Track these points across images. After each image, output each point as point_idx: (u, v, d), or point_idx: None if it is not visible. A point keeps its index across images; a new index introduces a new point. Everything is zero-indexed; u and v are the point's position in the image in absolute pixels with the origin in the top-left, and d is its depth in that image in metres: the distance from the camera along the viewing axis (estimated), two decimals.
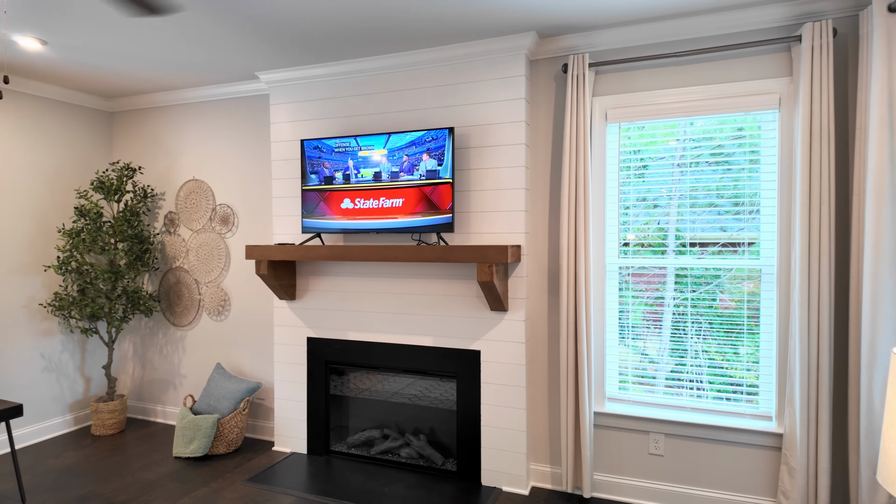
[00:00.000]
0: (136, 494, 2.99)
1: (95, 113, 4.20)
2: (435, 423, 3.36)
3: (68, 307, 3.71)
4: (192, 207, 4.05)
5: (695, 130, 2.83)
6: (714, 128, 2.79)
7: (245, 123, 3.87)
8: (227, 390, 3.65)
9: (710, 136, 2.80)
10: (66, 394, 3.97)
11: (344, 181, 3.23)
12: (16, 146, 3.67)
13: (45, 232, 3.85)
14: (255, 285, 3.88)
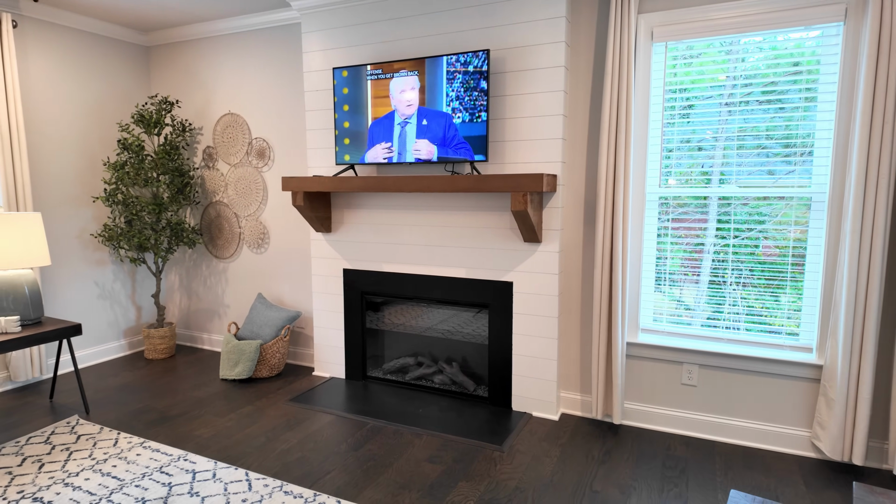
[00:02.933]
0: (187, 409, 3.20)
1: (133, 47, 4.22)
2: (467, 352, 3.43)
3: (117, 238, 3.89)
4: (229, 142, 4.10)
5: (746, 67, 2.64)
6: (768, 62, 2.60)
7: (278, 54, 3.83)
8: (269, 318, 3.80)
9: (764, 73, 2.61)
10: (120, 320, 4.22)
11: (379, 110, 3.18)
12: (60, 79, 3.75)
13: (92, 165, 3.98)
14: (292, 218, 3.95)
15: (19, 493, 2.32)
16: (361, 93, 3.22)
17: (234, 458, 2.62)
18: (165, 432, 2.89)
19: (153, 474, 2.47)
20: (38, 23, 3.61)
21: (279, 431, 2.90)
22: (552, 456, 2.64)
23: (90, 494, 2.31)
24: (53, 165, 3.74)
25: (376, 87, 3.17)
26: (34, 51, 3.60)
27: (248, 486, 2.36)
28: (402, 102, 3.11)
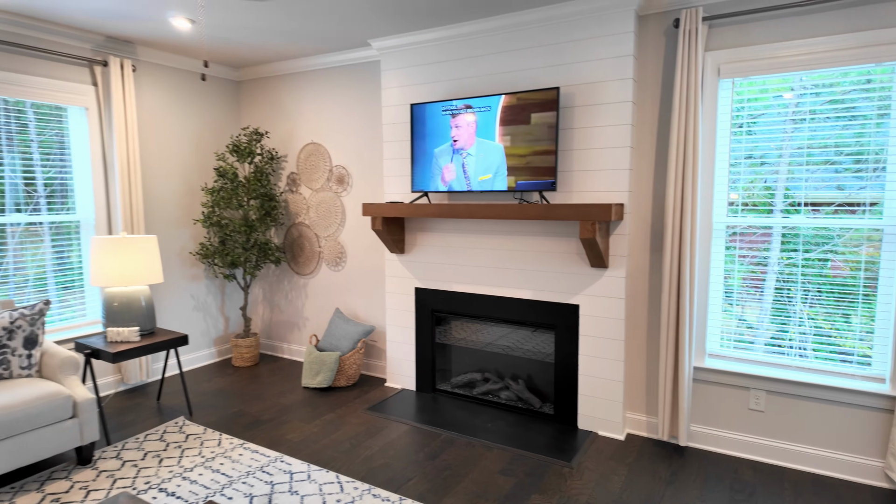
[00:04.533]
0: (276, 415, 3.52)
1: (226, 82, 4.68)
2: (532, 370, 3.59)
3: (212, 256, 4.31)
4: (312, 168, 4.47)
5: (813, 81, 2.71)
6: (836, 79, 2.65)
7: (357, 89, 4.16)
8: (346, 332, 4.10)
9: (831, 87, 2.67)
10: (211, 330, 4.65)
11: (447, 142, 3.43)
12: (166, 115, 4.23)
13: (191, 190, 4.44)
14: (367, 239, 4.25)
15: (146, 484, 2.68)
16: (436, 126, 3.47)
17: (324, 461, 2.89)
18: (261, 435, 3.21)
19: (256, 473, 2.77)
20: (151, 65, 4.10)
21: (361, 438, 3.16)
22: (620, 474, 2.76)
23: (205, 488, 2.63)
24: (160, 191, 4.21)
25: (450, 121, 3.41)
26: (147, 90, 4.08)
27: (340, 488, 2.62)
28: (469, 135, 3.34)
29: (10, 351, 2.83)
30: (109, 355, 3.10)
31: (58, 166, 3.65)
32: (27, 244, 3.53)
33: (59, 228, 3.68)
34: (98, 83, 3.76)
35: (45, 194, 3.60)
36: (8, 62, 3.32)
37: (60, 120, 3.65)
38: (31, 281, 3.55)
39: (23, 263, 3.51)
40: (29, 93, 3.42)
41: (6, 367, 2.81)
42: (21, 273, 3.50)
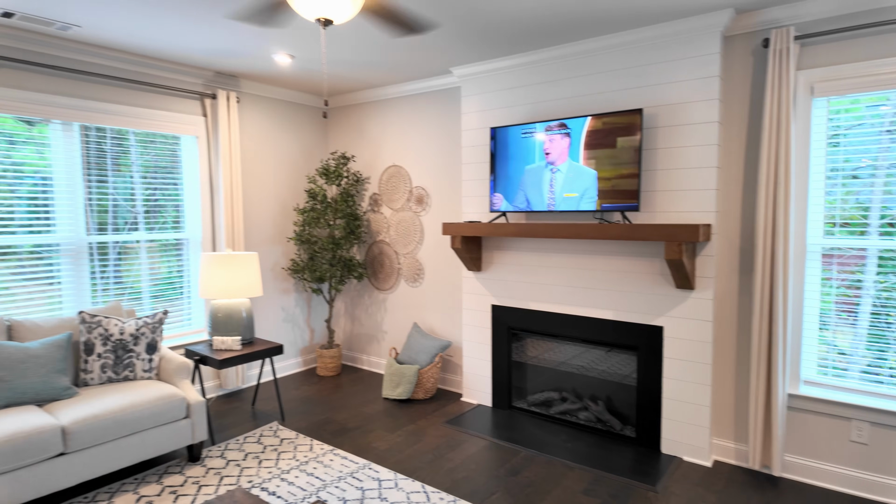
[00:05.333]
0: (361, 423, 3.70)
1: (315, 110, 5.03)
2: (611, 391, 3.56)
3: (301, 271, 4.61)
4: (392, 189, 4.70)
5: None
6: None
7: (437, 114, 4.36)
8: (424, 346, 4.25)
9: None
10: (298, 340, 4.95)
11: (531, 163, 3.52)
12: (264, 141, 4.60)
13: (284, 210, 4.78)
14: (444, 257, 4.40)
15: (249, 483, 2.91)
16: (516, 148, 3.58)
17: (409, 470, 3.02)
18: (348, 442, 3.39)
19: (347, 478, 2.94)
20: (252, 97, 4.49)
21: (443, 451, 3.26)
22: (708, 501, 2.69)
23: (302, 490, 2.83)
24: (257, 211, 4.57)
25: (529, 144, 3.51)
26: (248, 119, 4.48)
27: (427, 498, 2.73)
28: (553, 157, 3.41)
29: (136, 355, 3.17)
30: (216, 362, 3.40)
31: (171, 189, 4.07)
32: (144, 259, 3.94)
33: (170, 245, 4.09)
34: (207, 114, 4.17)
35: (160, 214, 4.02)
36: (133, 98, 3.77)
37: (175, 148, 4.08)
38: (147, 291, 3.96)
39: (134, 275, 3.93)
40: (151, 124, 3.85)
41: (132, 369, 3.16)
42: (139, 284, 3.92)
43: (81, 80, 3.50)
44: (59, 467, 2.60)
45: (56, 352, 2.91)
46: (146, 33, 3.25)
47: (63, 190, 3.48)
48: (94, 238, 3.65)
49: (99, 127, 3.64)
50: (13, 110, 3.21)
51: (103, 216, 3.69)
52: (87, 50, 3.45)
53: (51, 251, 3.45)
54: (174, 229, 4.08)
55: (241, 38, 3.35)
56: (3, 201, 3.25)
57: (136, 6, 2.83)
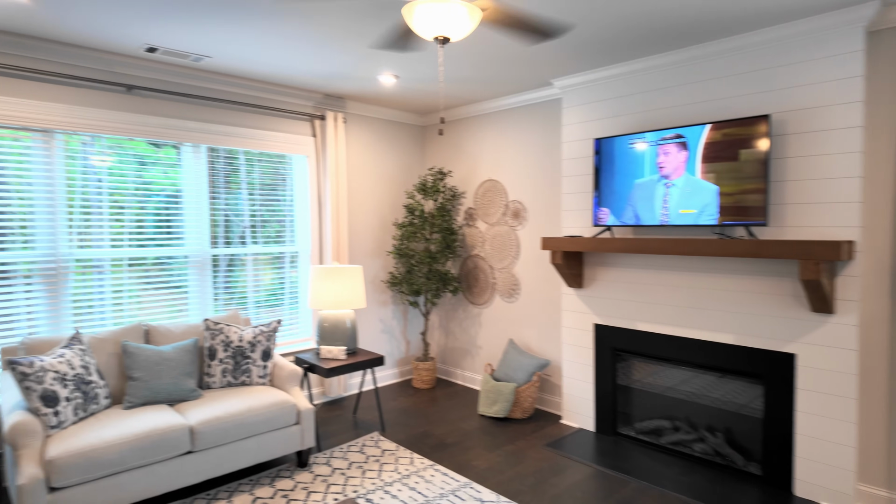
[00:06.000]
0: (459, 440, 3.67)
1: (412, 127, 5.15)
2: (732, 422, 3.26)
3: (399, 283, 4.70)
4: (488, 204, 4.68)
5: None
6: None
7: (535, 127, 4.29)
8: (520, 364, 4.15)
9: None
10: (395, 352, 5.04)
11: (640, 176, 3.35)
12: (366, 159, 4.78)
13: (384, 225, 4.92)
14: (542, 272, 4.29)
15: (354, 492, 2.96)
16: (622, 160, 3.42)
17: (511, 493, 2.93)
18: (448, 458, 3.37)
19: (448, 496, 2.91)
20: (356, 116, 4.68)
21: (545, 475, 3.15)
22: None
23: None
24: (360, 226, 4.74)
25: (638, 155, 3.34)
26: (353, 138, 4.67)
27: None
28: (667, 170, 3.22)
29: (252, 362, 3.37)
30: (324, 370, 3.53)
31: (278, 205, 4.32)
32: (253, 270, 4.20)
33: (281, 258, 4.33)
34: (317, 134, 4.40)
35: (267, 228, 4.27)
36: (252, 121, 4.06)
37: (285, 166, 4.34)
38: (262, 301, 4.21)
39: (242, 285, 4.19)
40: (267, 145, 4.12)
41: (248, 375, 3.36)
42: (251, 294, 4.18)
43: (209, 105, 3.83)
44: (186, 464, 2.80)
45: (185, 356, 3.16)
46: (267, 61, 3.48)
47: (192, 206, 3.81)
48: (217, 251, 3.95)
49: (215, 147, 3.95)
50: (149, 134, 3.56)
51: (220, 230, 3.99)
52: (214, 78, 3.77)
53: (178, 262, 3.77)
54: (277, 242, 4.32)
55: (352, 61, 3.50)
56: (136, 216, 3.60)
57: (262, 37, 3.05)
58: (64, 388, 2.66)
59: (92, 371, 2.86)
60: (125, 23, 2.85)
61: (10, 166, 3.10)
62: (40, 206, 3.20)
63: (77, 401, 2.71)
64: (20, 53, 3.05)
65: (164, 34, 3.01)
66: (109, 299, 3.50)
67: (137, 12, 2.71)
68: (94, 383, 2.84)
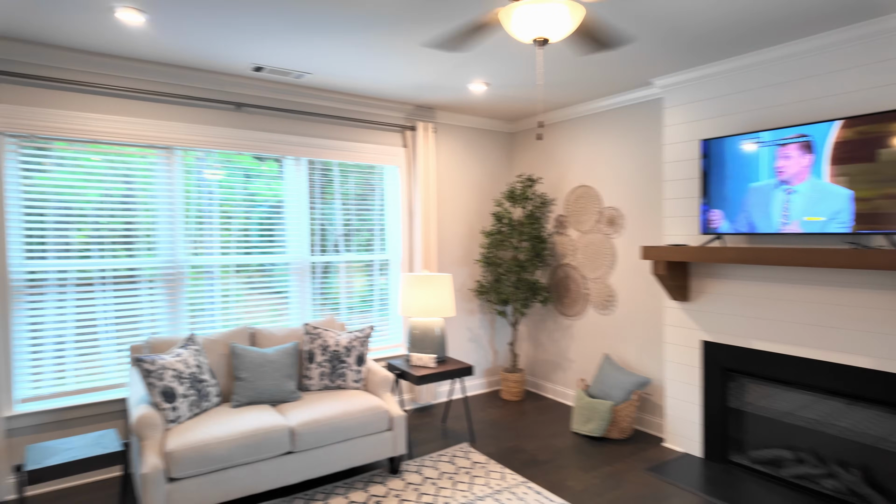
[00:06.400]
0: (551, 457, 3.52)
1: (500, 135, 5.09)
2: (869, 457, 2.85)
3: (487, 292, 4.64)
4: (580, 211, 4.50)
5: None
6: None
7: (633, 129, 4.07)
8: (618, 380, 3.93)
9: None
10: (482, 361, 4.98)
11: (755, 180, 3.05)
12: (455, 168, 4.78)
13: (471, 233, 4.90)
14: (641, 283, 4.05)
15: None
16: (734, 162, 3.14)
17: None
18: (541, 476, 3.24)
19: None
20: (445, 126, 4.71)
21: (648, 502, 2.93)
22: None
23: None
24: (448, 234, 4.75)
25: (752, 157, 3.04)
26: (443, 147, 4.70)
27: None
28: (785, 172, 2.90)
29: (347, 366, 3.45)
30: (415, 378, 3.54)
31: (369, 214, 4.42)
32: (349, 276, 4.32)
33: (373, 265, 4.43)
34: (408, 145, 4.47)
35: (360, 237, 4.38)
36: (347, 133, 4.19)
37: (377, 177, 4.44)
38: (353, 306, 4.33)
39: (336, 290, 4.31)
40: (359, 156, 4.24)
41: (343, 379, 3.44)
42: (345, 299, 4.30)
43: (308, 120, 4.01)
44: (287, 464, 2.91)
45: (286, 358, 3.29)
46: (362, 75, 3.58)
47: (293, 216, 4.00)
48: (315, 258, 4.12)
49: (313, 160, 4.11)
50: (255, 149, 3.78)
51: (316, 238, 4.15)
52: (313, 94, 3.94)
53: (279, 268, 3.97)
54: (367, 250, 4.41)
55: (443, 71, 3.51)
56: (242, 226, 3.83)
57: (358, 51, 3.14)
58: (181, 386, 2.86)
59: (204, 370, 3.06)
60: (235, 45, 3.05)
61: (138, 181, 3.41)
62: (162, 217, 3.50)
63: (192, 398, 2.90)
64: (145, 78, 3.36)
65: (269, 54, 3.19)
66: (219, 303, 3.74)
67: (246, 35, 2.89)
68: (206, 382, 3.03)
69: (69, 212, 3.21)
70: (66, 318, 3.22)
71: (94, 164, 3.27)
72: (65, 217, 3.20)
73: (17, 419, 3.03)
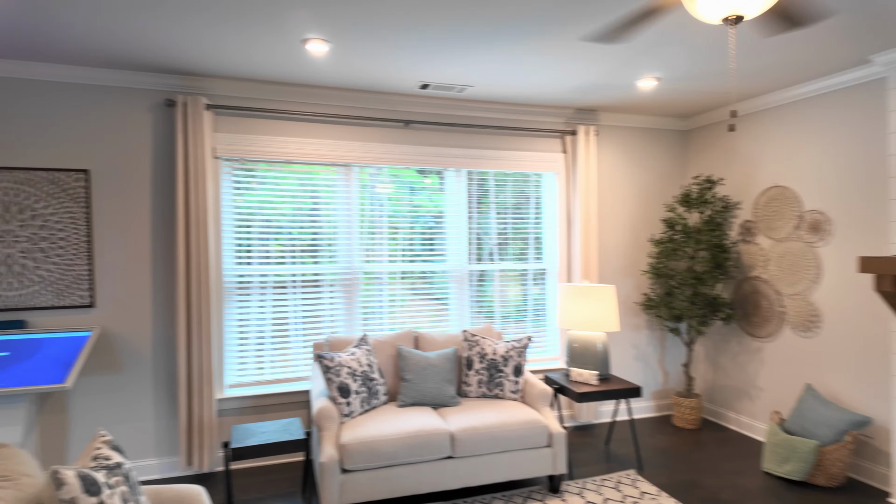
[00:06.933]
0: (738, 498, 3.06)
1: (672, 133, 4.66)
2: None
3: (656, 307, 4.25)
4: (773, 216, 3.89)
5: None
6: None
7: (842, 118, 3.41)
8: (824, 417, 3.28)
9: None
10: (650, 382, 4.57)
11: None
12: (618, 171, 4.50)
13: (637, 242, 4.54)
14: (856, 301, 3.35)
15: None
16: None
17: None
18: None
19: None
20: (608, 128, 4.46)
21: None
22: None
23: None
24: (610, 243, 4.47)
25: None
26: (605, 150, 4.45)
27: None
28: None
29: (505, 376, 3.41)
30: (575, 394, 3.36)
31: (528, 223, 4.34)
32: (504, 285, 4.29)
33: (530, 274, 4.34)
34: (567, 150, 4.32)
35: (514, 245, 4.32)
36: (504, 143, 4.19)
37: (533, 185, 4.35)
38: (508, 315, 4.29)
39: (490, 299, 4.29)
40: (516, 165, 4.21)
41: (501, 388, 3.40)
42: (499, 308, 4.28)
43: (468, 132, 4.09)
44: (447, 469, 2.95)
45: (446, 363, 3.37)
46: (521, 83, 3.55)
47: (452, 226, 4.11)
48: (473, 266, 4.18)
49: (471, 171, 4.17)
50: (420, 163, 3.96)
51: (473, 248, 4.20)
52: (473, 106, 4.02)
53: (440, 276, 4.09)
54: (521, 259, 4.32)
55: (607, 70, 3.32)
56: (407, 236, 4.02)
57: (519, 59, 3.11)
58: (354, 382, 3.09)
59: (374, 369, 3.27)
60: (404, 66, 3.23)
61: (322, 196, 3.80)
62: (341, 228, 3.85)
63: (363, 394, 3.11)
64: (327, 102, 3.74)
65: (435, 71, 3.32)
66: (386, 307, 3.99)
67: (414, 56, 3.04)
68: (375, 380, 3.23)
69: (269, 224, 3.69)
70: (264, 316, 3.70)
71: (288, 183, 3.73)
72: (266, 229, 3.69)
73: (226, 402, 3.55)
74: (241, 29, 2.70)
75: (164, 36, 2.77)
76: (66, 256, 3.22)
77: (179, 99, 3.32)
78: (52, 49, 2.92)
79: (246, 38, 2.80)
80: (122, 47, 2.91)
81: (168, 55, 3.03)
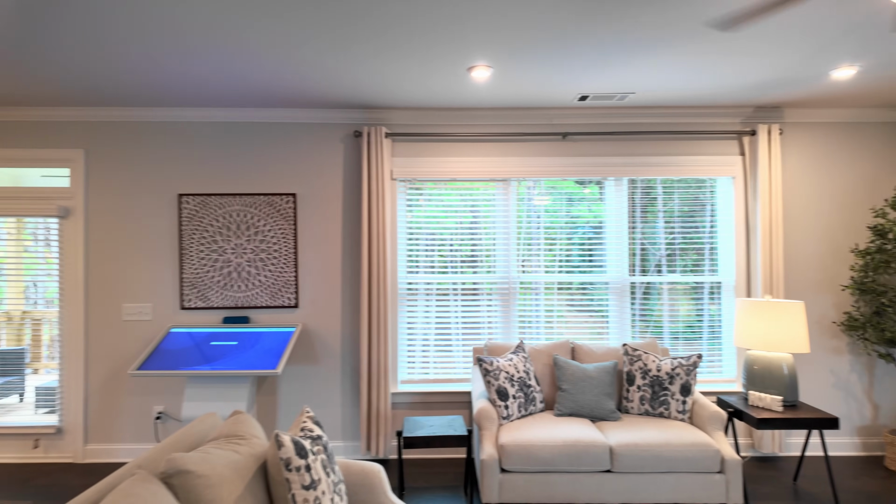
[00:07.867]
0: None
1: (879, 127, 3.98)
2: None
3: (861, 328, 3.65)
4: None
5: None
6: None
7: None
8: None
9: None
10: (854, 415, 3.92)
11: None
12: (809, 173, 3.97)
13: (836, 252, 3.96)
14: None
15: None
16: None
17: None
18: None
19: None
20: (797, 125, 3.97)
21: None
22: None
23: None
24: (800, 254, 3.96)
25: None
26: (791, 151, 3.97)
27: None
28: None
29: (670, 394, 3.24)
30: (754, 420, 3.06)
31: (701, 233, 4.05)
32: (673, 300, 4.05)
33: (700, 288, 4.04)
34: (745, 152, 3.96)
35: (689, 258, 4.05)
36: (668, 148, 3.98)
37: (706, 191, 4.05)
38: (678, 332, 4.04)
39: (658, 314, 4.05)
40: (685, 170, 3.97)
41: (666, 407, 3.24)
42: (668, 325, 4.04)
43: (629, 139, 3.99)
44: (606, 482, 2.91)
45: (605, 376, 3.32)
46: (690, 85, 3.38)
47: (612, 236, 4.03)
48: (634, 278, 4.04)
49: (633, 179, 4.04)
50: (578, 174, 3.97)
51: (636, 259, 4.05)
52: (635, 112, 3.92)
53: (598, 288, 4.04)
54: (695, 272, 4.03)
55: (793, 62, 3.00)
56: (564, 247, 4.04)
57: (687, 62, 2.98)
58: (511, 387, 3.22)
59: (531, 376, 3.36)
60: (561, 81, 3.31)
61: (482, 209, 4.04)
62: (499, 240, 4.04)
63: (520, 400, 3.23)
64: (486, 122, 3.96)
65: (594, 82, 3.34)
66: (542, 317, 4.06)
67: (573, 71, 3.11)
68: (532, 387, 3.32)
69: (433, 237, 4.04)
70: (429, 320, 4.04)
71: (451, 198, 4.04)
72: (431, 241, 4.04)
73: (399, 396, 3.95)
74: (422, 63, 3.04)
75: (354, 77, 3.25)
76: (279, 265, 3.91)
77: (365, 130, 3.83)
78: (271, 99, 3.62)
79: (423, 70, 3.15)
80: (321, 90, 3.48)
81: (357, 93, 3.54)
